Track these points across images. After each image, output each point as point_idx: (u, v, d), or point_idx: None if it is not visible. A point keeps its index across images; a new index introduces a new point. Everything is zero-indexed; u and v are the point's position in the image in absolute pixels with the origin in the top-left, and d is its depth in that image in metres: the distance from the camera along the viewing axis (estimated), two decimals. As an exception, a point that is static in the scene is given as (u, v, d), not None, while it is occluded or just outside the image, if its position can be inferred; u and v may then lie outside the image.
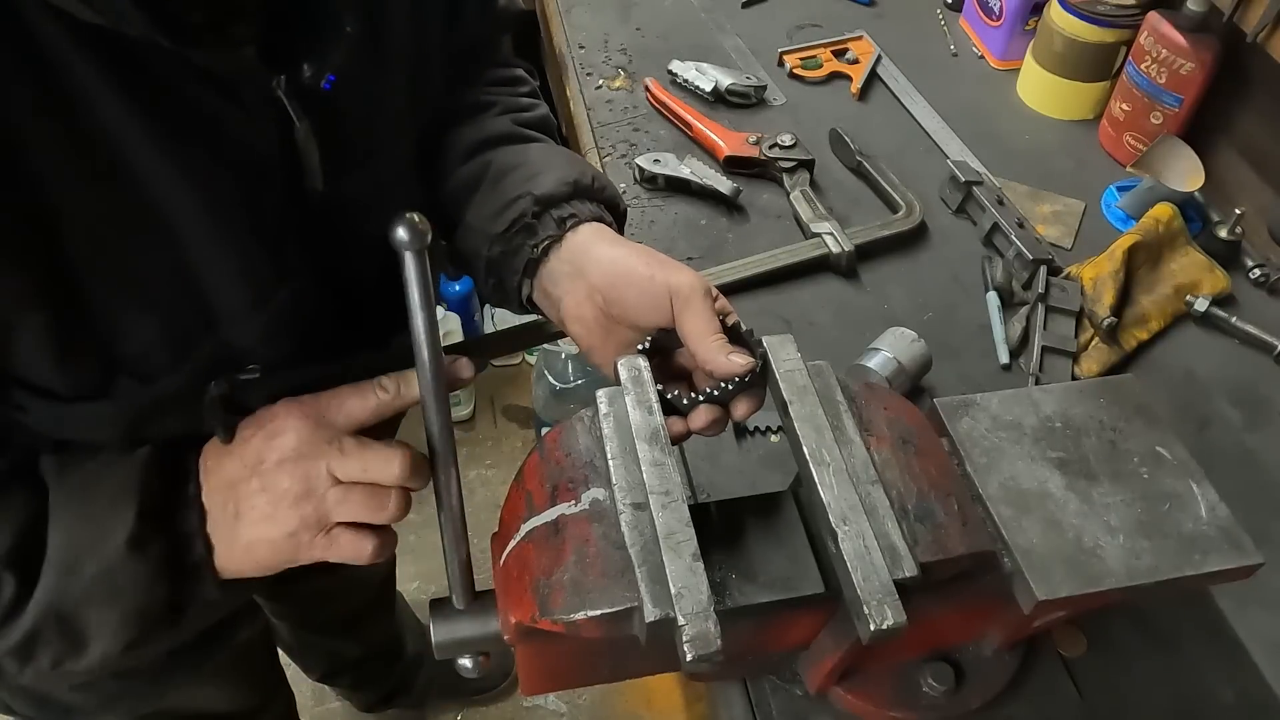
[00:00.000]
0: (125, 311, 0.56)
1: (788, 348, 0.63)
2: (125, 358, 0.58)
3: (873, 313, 1.10)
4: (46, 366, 0.54)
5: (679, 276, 0.64)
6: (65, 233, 0.51)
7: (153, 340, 0.58)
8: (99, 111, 0.49)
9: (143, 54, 0.48)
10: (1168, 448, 0.64)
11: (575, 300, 0.69)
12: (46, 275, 0.51)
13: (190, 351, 0.60)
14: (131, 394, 0.59)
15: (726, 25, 1.50)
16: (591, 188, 0.72)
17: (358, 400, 0.60)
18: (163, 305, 0.57)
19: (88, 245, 0.52)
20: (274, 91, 0.55)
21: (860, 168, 1.25)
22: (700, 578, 0.52)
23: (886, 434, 0.62)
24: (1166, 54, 1.18)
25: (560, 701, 1.82)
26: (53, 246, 0.51)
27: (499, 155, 0.75)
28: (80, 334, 0.54)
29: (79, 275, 0.52)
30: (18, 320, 0.52)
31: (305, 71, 0.56)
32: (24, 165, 0.48)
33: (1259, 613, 0.84)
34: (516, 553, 0.59)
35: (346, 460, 0.58)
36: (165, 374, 0.59)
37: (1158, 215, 1.14)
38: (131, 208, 0.52)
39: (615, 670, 0.71)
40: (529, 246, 0.69)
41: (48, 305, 0.52)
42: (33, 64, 0.46)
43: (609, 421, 0.60)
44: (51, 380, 0.56)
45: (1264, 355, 1.08)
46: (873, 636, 0.52)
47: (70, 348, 0.54)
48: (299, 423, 0.58)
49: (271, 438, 0.58)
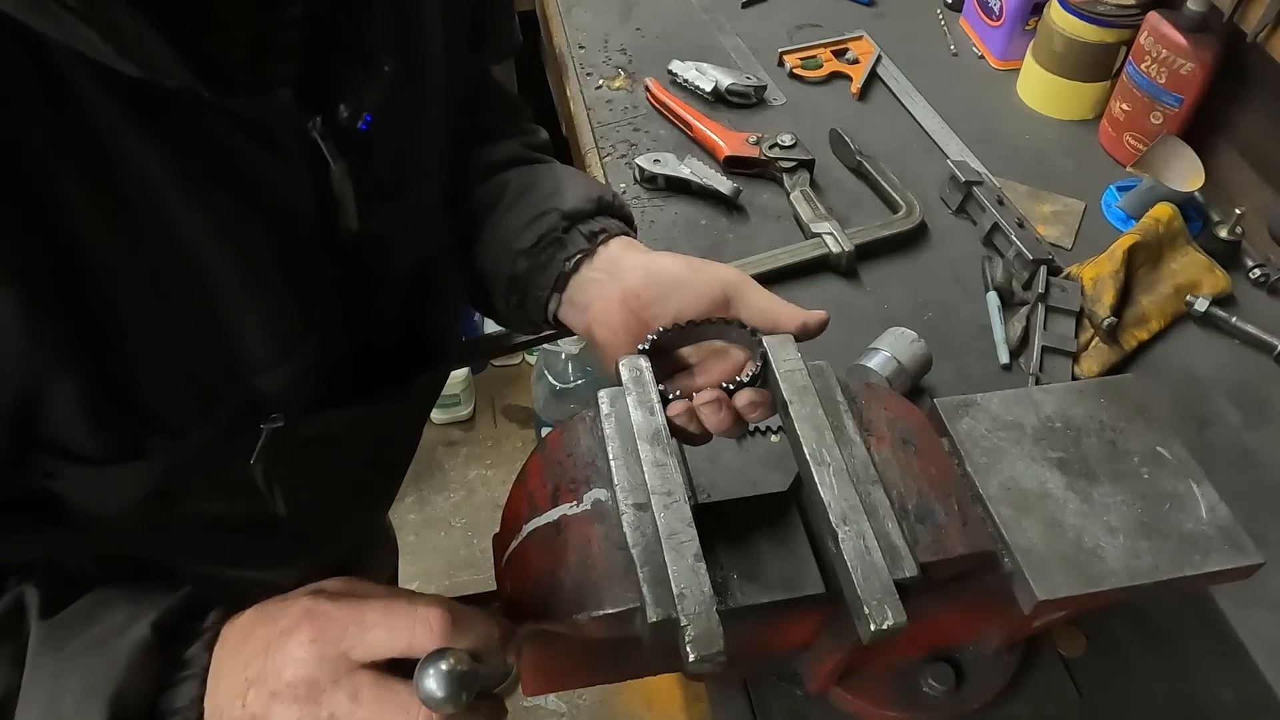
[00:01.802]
0: (157, 369, 0.54)
1: (788, 348, 0.63)
2: (156, 415, 0.56)
3: (873, 313, 1.10)
4: (81, 430, 0.52)
5: (723, 269, 0.66)
6: (103, 292, 0.49)
7: (182, 396, 0.56)
8: (135, 166, 0.47)
9: (176, 103, 0.46)
10: (1168, 448, 0.64)
11: (605, 304, 0.68)
12: (83, 337, 0.50)
13: (217, 404, 0.58)
14: (162, 451, 0.57)
15: (726, 25, 1.50)
16: (613, 204, 0.73)
17: (385, 634, 0.48)
18: (193, 360, 0.56)
19: (124, 304, 0.50)
20: (310, 133, 0.53)
21: (860, 168, 1.25)
22: (702, 578, 0.52)
23: (887, 434, 0.62)
24: (1166, 54, 1.18)
25: (560, 701, 1.82)
26: (90, 307, 0.49)
27: (515, 175, 0.75)
28: (114, 395, 0.53)
29: (114, 335, 0.51)
30: (55, 384, 0.50)
31: (341, 112, 0.54)
32: (64, 228, 0.46)
33: (1259, 613, 0.84)
34: (518, 553, 0.59)
35: (357, 709, 0.47)
36: (194, 428, 0.58)
37: (1158, 215, 1.14)
38: (166, 263, 0.51)
39: (617, 670, 0.71)
40: (560, 260, 0.69)
41: (85, 367, 0.50)
42: (73, 125, 0.45)
43: (611, 422, 0.60)
44: (85, 444, 0.54)
45: (1264, 355, 1.08)
46: (873, 637, 0.52)
47: (105, 409, 0.53)
48: (306, 652, 0.47)
49: (274, 654, 0.48)
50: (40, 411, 0.51)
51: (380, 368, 0.68)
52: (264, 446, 0.61)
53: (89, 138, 0.45)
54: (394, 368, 0.70)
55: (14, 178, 0.44)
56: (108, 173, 0.46)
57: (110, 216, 0.48)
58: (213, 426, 0.58)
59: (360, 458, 0.76)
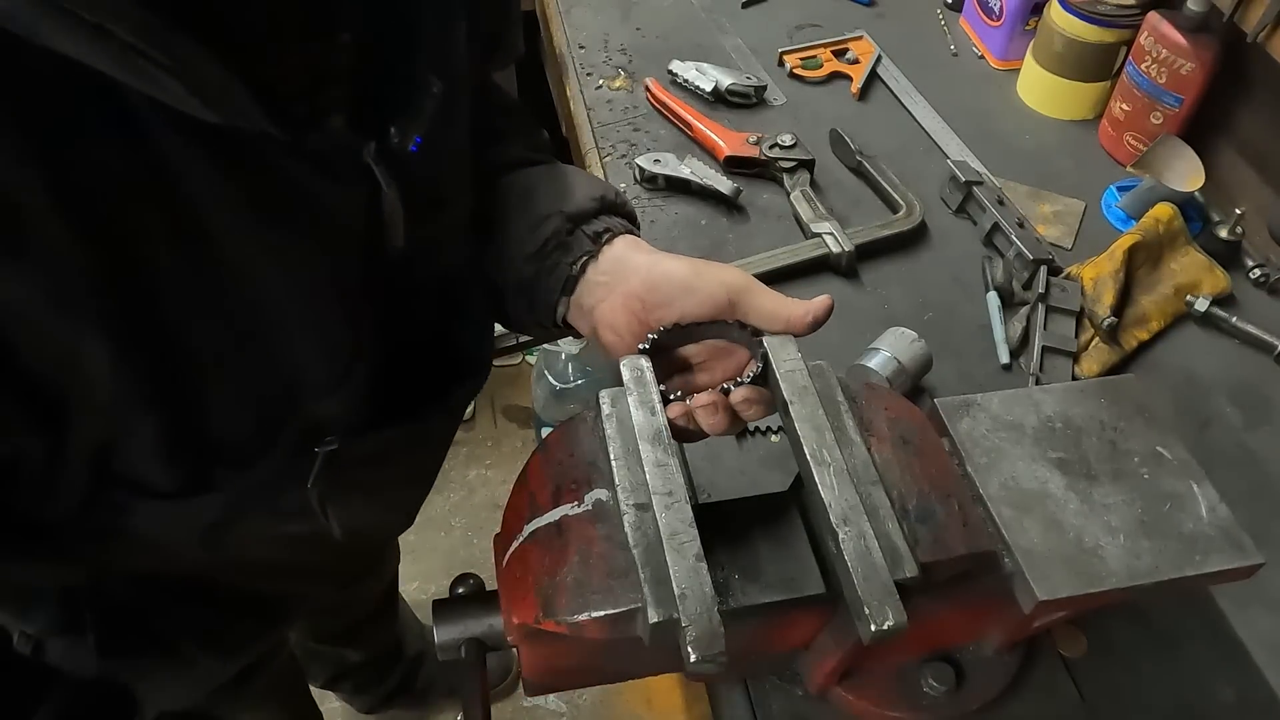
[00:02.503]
0: (226, 404, 0.55)
1: (788, 348, 0.63)
2: (224, 448, 0.57)
3: (873, 313, 1.10)
4: (156, 466, 0.54)
5: (728, 272, 0.65)
6: (182, 334, 0.50)
7: (247, 429, 0.57)
8: (212, 208, 0.47)
9: (246, 142, 0.46)
10: (1168, 448, 0.64)
11: (610, 307, 0.68)
12: (165, 379, 0.50)
13: (279, 434, 0.59)
14: (229, 483, 0.58)
15: (726, 25, 1.50)
16: (616, 202, 0.73)
17: None
18: (258, 393, 0.57)
19: (200, 344, 0.51)
20: (364, 159, 0.53)
21: (860, 168, 1.25)
22: (704, 578, 0.52)
23: (887, 434, 0.62)
24: (1166, 54, 1.18)
25: (560, 702, 1.82)
26: (171, 350, 0.50)
27: (518, 178, 0.75)
28: (189, 431, 0.54)
29: (191, 375, 0.52)
30: (137, 424, 0.51)
31: (393, 135, 0.54)
32: (146, 274, 0.47)
33: (1260, 613, 0.84)
34: (519, 553, 0.59)
35: None
36: (258, 459, 0.59)
37: (1158, 215, 1.14)
38: (237, 300, 0.51)
39: (618, 671, 0.71)
40: (566, 264, 0.69)
41: (165, 408, 0.51)
42: (154, 172, 0.45)
43: (612, 422, 0.60)
44: (159, 479, 0.55)
45: (1264, 355, 1.08)
46: (873, 637, 0.52)
47: (179, 446, 0.54)
48: None
49: None
50: (118, 450, 0.52)
51: (418, 382, 0.69)
52: (319, 470, 0.62)
53: (169, 185, 0.46)
54: (431, 381, 0.70)
55: (101, 227, 0.44)
56: (187, 216, 0.47)
57: (192, 260, 0.48)
58: (274, 455, 0.59)
59: (404, 472, 0.78)
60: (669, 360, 0.68)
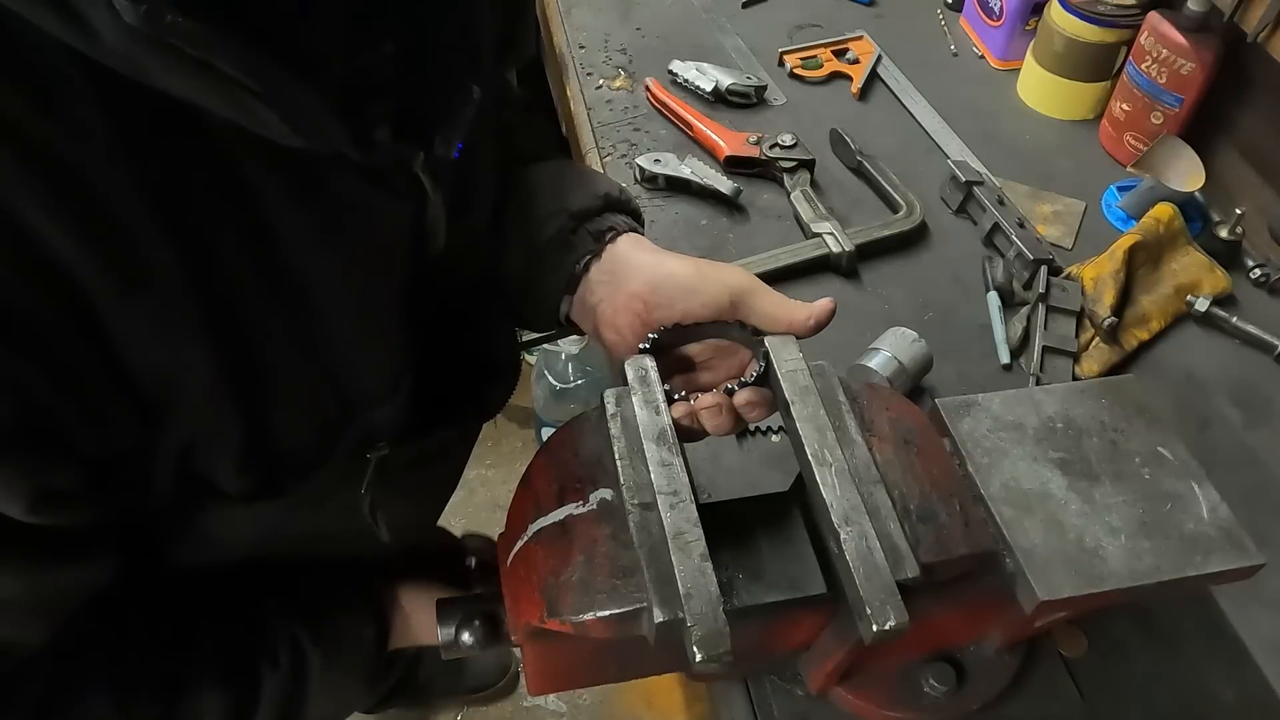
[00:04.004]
0: (294, 413, 0.56)
1: (789, 348, 0.63)
2: (289, 457, 0.58)
3: (873, 313, 1.11)
4: (229, 472, 0.55)
5: (731, 273, 0.66)
6: (260, 346, 0.51)
7: (311, 438, 0.58)
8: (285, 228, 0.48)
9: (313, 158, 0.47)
10: (1169, 448, 0.64)
11: (612, 307, 0.68)
12: (247, 388, 0.51)
13: (337, 443, 0.60)
14: (293, 490, 0.59)
15: (727, 25, 1.50)
16: (621, 200, 0.73)
17: None
18: (320, 402, 0.58)
19: (274, 355, 0.52)
20: (414, 169, 0.54)
21: (860, 168, 1.25)
22: (709, 578, 0.52)
23: (889, 434, 0.62)
24: (1167, 54, 1.18)
25: (560, 701, 1.82)
26: (251, 361, 0.51)
27: (523, 175, 0.75)
28: (263, 440, 0.55)
29: (269, 385, 0.52)
30: (224, 431, 0.52)
31: (437, 144, 0.55)
32: (238, 296, 0.48)
33: (1260, 613, 0.84)
34: (524, 553, 0.59)
35: None
36: (317, 467, 0.60)
37: (1158, 215, 1.15)
38: (306, 314, 0.52)
39: (622, 670, 0.71)
40: (569, 263, 0.69)
41: (247, 417, 0.52)
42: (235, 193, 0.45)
43: (616, 421, 0.60)
44: (231, 484, 0.56)
45: (1264, 355, 1.08)
46: (874, 637, 0.52)
47: (252, 454, 0.54)
48: None
49: None
50: (199, 455, 0.53)
51: (455, 385, 0.70)
52: (371, 476, 0.63)
53: (253, 208, 0.46)
54: (466, 383, 0.71)
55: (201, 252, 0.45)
56: (268, 237, 0.48)
57: (270, 277, 0.49)
58: (332, 463, 0.60)
59: (441, 474, 0.80)
60: (671, 359, 0.68)
